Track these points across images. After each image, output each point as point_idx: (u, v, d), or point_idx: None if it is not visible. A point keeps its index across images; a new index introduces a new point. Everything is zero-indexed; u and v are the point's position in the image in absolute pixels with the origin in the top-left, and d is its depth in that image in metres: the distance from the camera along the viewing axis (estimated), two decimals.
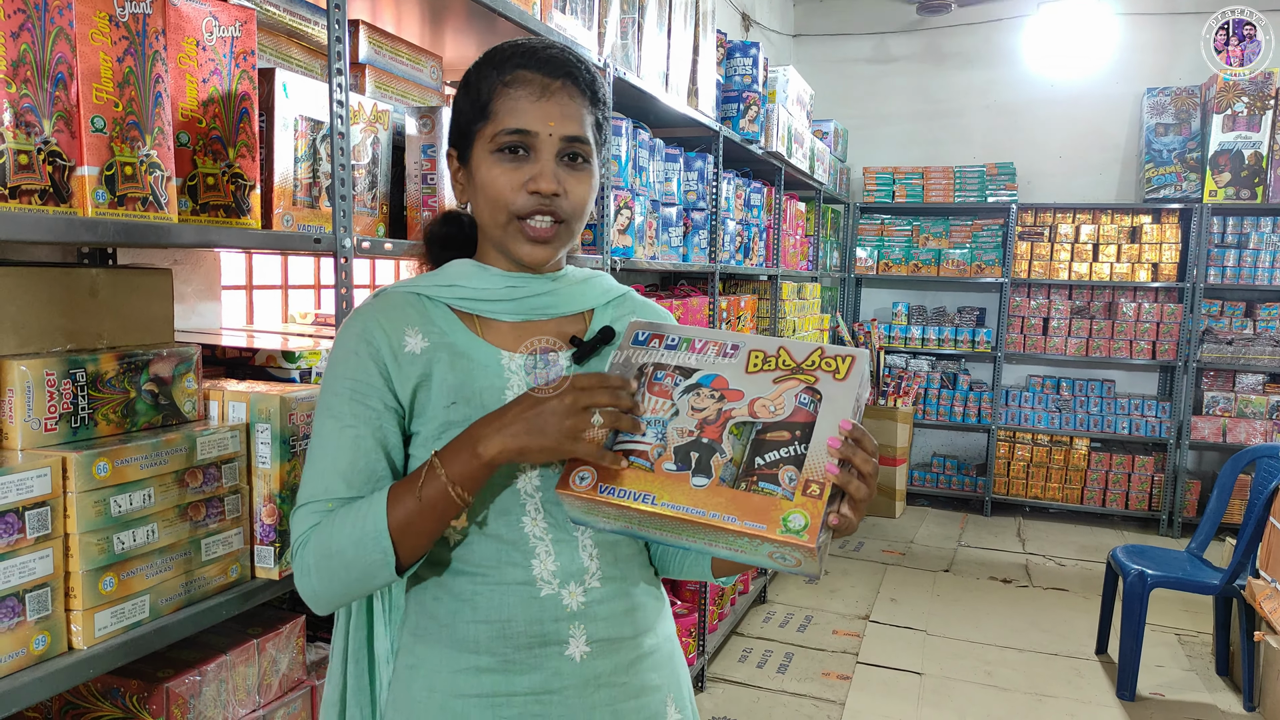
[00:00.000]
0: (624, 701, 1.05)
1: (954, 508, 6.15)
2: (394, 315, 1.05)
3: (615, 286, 1.18)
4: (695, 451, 0.93)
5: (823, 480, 0.89)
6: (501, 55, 1.04)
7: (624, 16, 2.50)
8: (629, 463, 0.94)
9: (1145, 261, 5.69)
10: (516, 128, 1.00)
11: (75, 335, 1.20)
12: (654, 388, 0.98)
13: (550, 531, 1.03)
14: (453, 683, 1.02)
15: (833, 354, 0.97)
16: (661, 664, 1.11)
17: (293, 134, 1.45)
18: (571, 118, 1.02)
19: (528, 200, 1.01)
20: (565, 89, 1.02)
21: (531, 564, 1.02)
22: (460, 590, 1.03)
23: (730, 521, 0.89)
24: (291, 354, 1.57)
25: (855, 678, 3.49)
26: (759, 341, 0.99)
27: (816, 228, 5.44)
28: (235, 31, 1.29)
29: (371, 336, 1.03)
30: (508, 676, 1.01)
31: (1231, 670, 3.57)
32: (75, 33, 1.05)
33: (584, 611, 1.03)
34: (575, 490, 0.93)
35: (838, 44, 6.51)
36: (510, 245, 1.04)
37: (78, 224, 1.06)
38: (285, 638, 1.43)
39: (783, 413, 0.94)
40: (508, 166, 1.01)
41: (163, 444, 1.18)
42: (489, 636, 1.02)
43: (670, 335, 1.02)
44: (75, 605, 1.08)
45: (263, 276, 2.30)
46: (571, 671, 1.02)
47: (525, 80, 1.01)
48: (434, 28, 2.10)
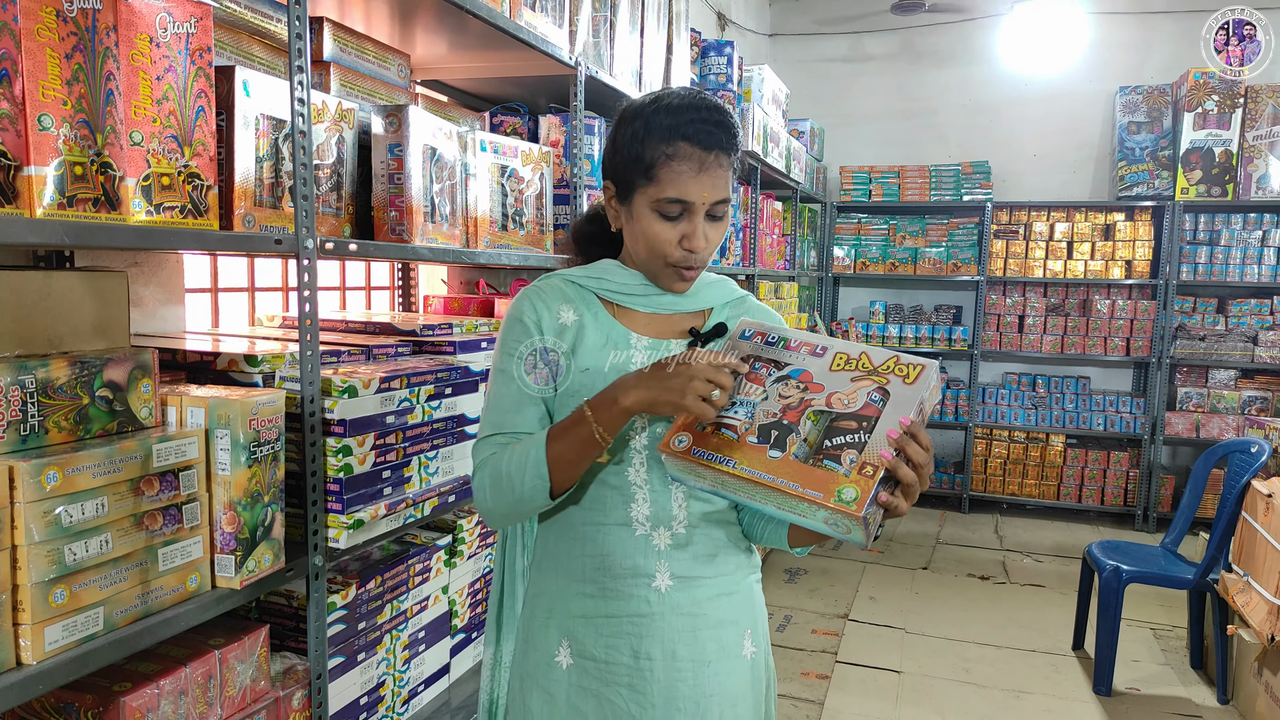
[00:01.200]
0: (704, 630, 1.24)
1: (932, 505, 6.18)
2: (554, 294, 1.29)
3: (735, 290, 1.39)
4: (776, 430, 1.10)
5: (877, 463, 1.04)
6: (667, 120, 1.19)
7: (595, 15, 2.48)
8: (721, 434, 1.11)
9: (1119, 259, 5.73)
10: (678, 198, 1.19)
11: (25, 340, 1.16)
12: (751, 375, 1.16)
13: (649, 481, 1.22)
14: (566, 606, 1.26)
15: (906, 362, 1.13)
16: (742, 604, 1.30)
17: (254, 133, 1.42)
18: (720, 187, 1.21)
19: (681, 255, 1.22)
20: (718, 160, 1.20)
21: (630, 508, 1.22)
22: (574, 530, 1.25)
23: (793, 488, 1.04)
24: (254, 358, 1.53)
25: (834, 677, 3.49)
26: (845, 346, 1.16)
27: (793, 227, 5.44)
28: (191, 28, 1.26)
29: (534, 308, 1.27)
30: (607, 601, 1.23)
31: (1206, 664, 3.59)
32: (20, 28, 1.02)
33: (668, 552, 1.23)
34: (673, 450, 1.11)
35: (814, 43, 6.52)
36: (662, 280, 1.27)
37: (23, 225, 1.02)
38: (248, 648, 1.39)
39: (855, 406, 1.10)
40: (667, 224, 1.21)
41: (116, 452, 1.15)
42: (593, 568, 1.24)
43: (771, 334, 1.20)
44: (24, 619, 1.05)
45: (229, 279, 2.26)
46: (658, 600, 1.22)
47: (686, 155, 1.18)
48: (404, 26, 2.07)
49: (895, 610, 4.20)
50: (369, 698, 1.74)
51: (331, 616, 1.61)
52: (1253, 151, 5.36)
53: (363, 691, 1.73)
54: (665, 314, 1.31)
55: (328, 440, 1.52)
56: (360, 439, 1.56)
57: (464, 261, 1.94)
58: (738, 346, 1.20)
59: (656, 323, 1.30)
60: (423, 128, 1.79)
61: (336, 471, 1.52)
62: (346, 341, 1.81)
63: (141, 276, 1.82)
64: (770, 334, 1.20)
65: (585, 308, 1.28)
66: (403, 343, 1.88)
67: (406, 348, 1.90)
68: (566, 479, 1.17)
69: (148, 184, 1.21)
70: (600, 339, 1.26)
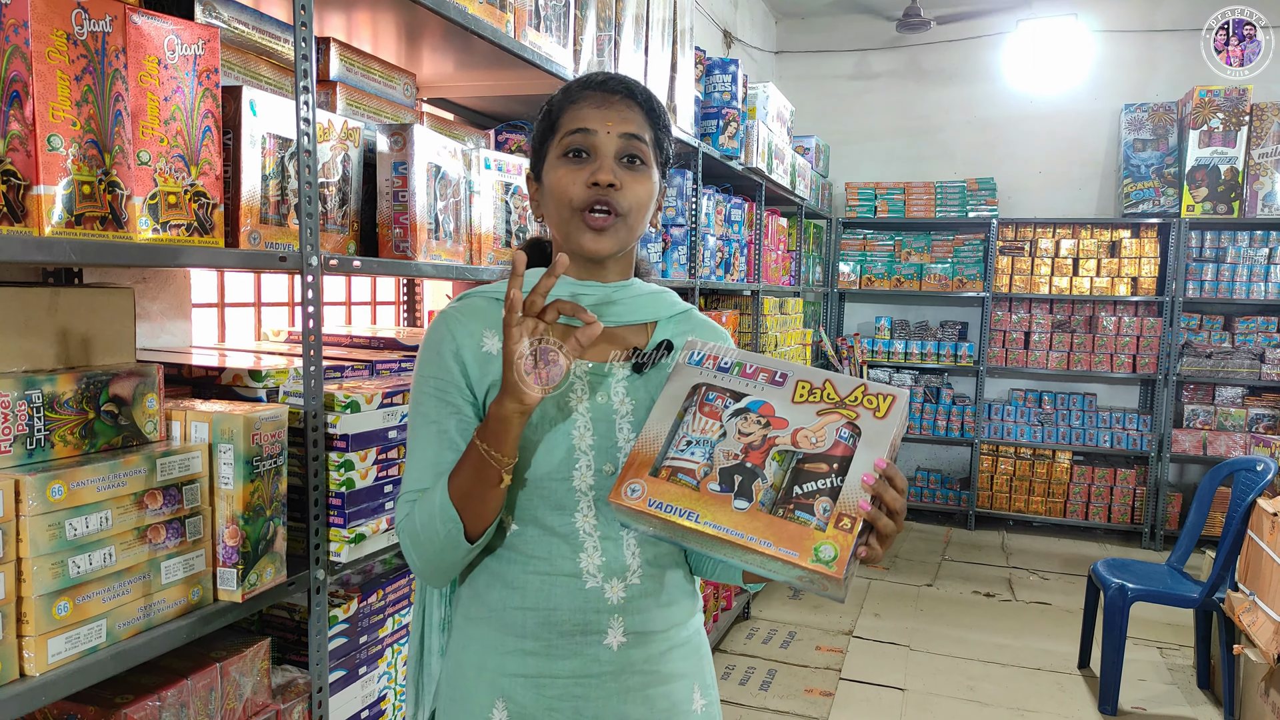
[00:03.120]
0: (654, 687, 1.14)
1: (938, 521, 6.16)
2: (475, 318, 1.16)
3: (679, 303, 1.27)
4: (739, 475, 1.00)
5: (855, 515, 0.95)
6: (571, 83, 1.18)
7: (600, 35, 2.51)
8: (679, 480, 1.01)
9: (1125, 276, 5.73)
10: (578, 127, 1.11)
11: (32, 355, 1.18)
12: (705, 408, 1.05)
13: (599, 528, 1.11)
14: (500, 662, 1.12)
15: (875, 391, 1.02)
16: (690, 654, 1.19)
17: (260, 151, 1.45)
18: (629, 120, 1.13)
19: (588, 193, 1.10)
20: (624, 100, 1.14)
21: (579, 558, 1.11)
22: (511, 578, 1.12)
23: (766, 546, 0.95)
24: (258, 373, 1.55)
25: (838, 694, 3.48)
26: (806, 373, 1.06)
27: (799, 243, 5.46)
28: (198, 50, 1.28)
29: (453, 337, 1.14)
30: (550, 660, 1.11)
31: (1213, 683, 3.57)
32: (31, 51, 1.04)
33: (623, 605, 1.11)
34: (627, 500, 1.01)
35: (820, 61, 6.56)
36: (574, 237, 1.12)
37: (32, 243, 1.04)
38: (249, 661, 1.40)
39: (823, 445, 1.00)
40: (572, 166, 1.11)
41: (121, 465, 1.16)
42: (535, 623, 1.11)
43: (724, 358, 1.08)
44: (28, 630, 1.06)
45: (236, 294, 2.28)
46: (608, 659, 1.11)
47: (588, 96, 1.14)
48: (410, 46, 2.10)
49: (900, 627, 4.19)
50: (370, 711, 1.75)
51: (333, 630, 1.62)
52: (1258, 169, 5.36)
53: (364, 705, 1.73)
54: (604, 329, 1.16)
55: (330, 455, 1.53)
56: (363, 454, 1.58)
57: (467, 278, 1.96)
58: (686, 373, 1.08)
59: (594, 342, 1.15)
60: (427, 146, 1.81)
61: (339, 486, 1.54)
62: (351, 357, 1.83)
63: (148, 292, 1.84)
64: (722, 358, 1.08)
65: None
66: (407, 358, 1.90)
67: (410, 363, 1.91)
68: (478, 516, 1.06)
69: (154, 202, 1.23)
70: None
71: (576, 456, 1.11)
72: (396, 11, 1.81)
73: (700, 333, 1.24)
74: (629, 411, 1.14)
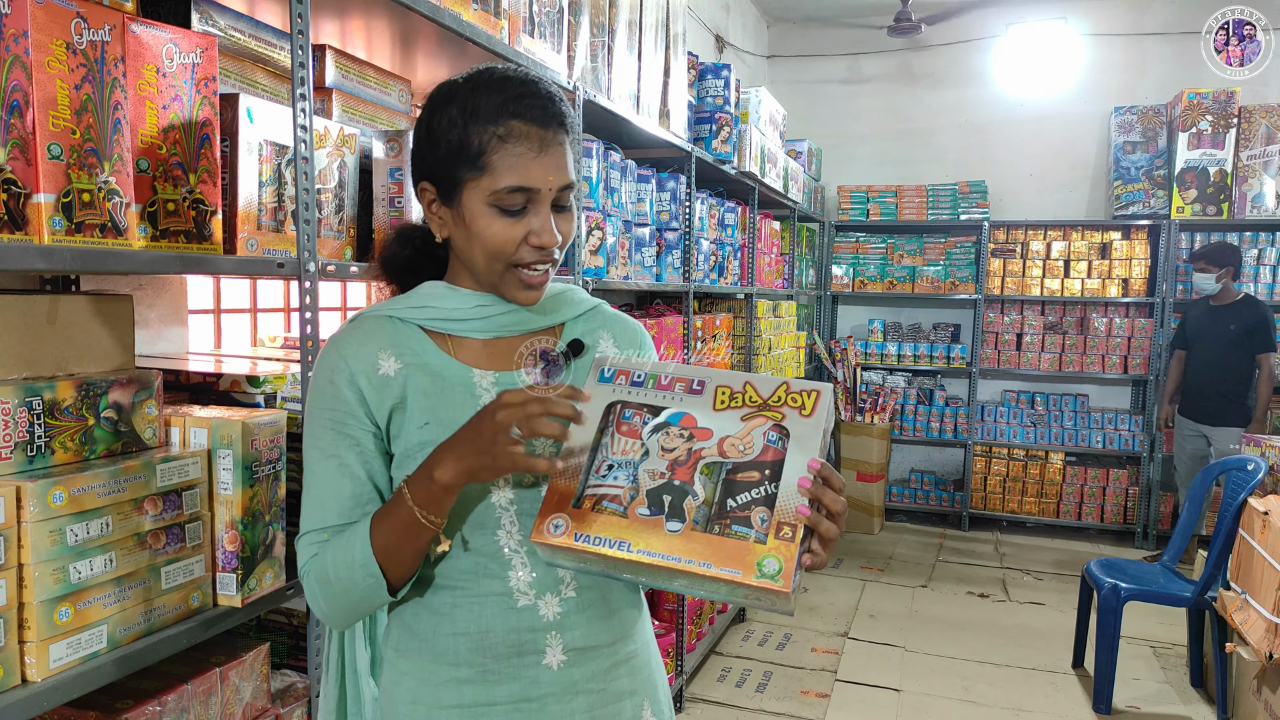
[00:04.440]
0: (601, 708, 1.07)
1: (932, 523, 6.18)
2: (367, 340, 1.07)
3: (586, 300, 1.20)
4: (668, 494, 0.94)
5: (794, 522, 0.90)
6: (491, 99, 1.02)
7: (593, 40, 2.52)
8: (604, 508, 0.94)
9: (1115, 277, 5.77)
10: (520, 186, 1.01)
11: (32, 362, 1.19)
12: (622, 427, 0.99)
13: (525, 544, 1.05)
14: (435, 695, 1.05)
15: (799, 389, 0.97)
16: (638, 669, 1.13)
17: (257, 158, 1.45)
18: (564, 167, 1.04)
19: (529, 253, 1.03)
20: (557, 138, 1.03)
21: (508, 575, 1.04)
22: (439, 605, 1.06)
23: (706, 568, 0.89)
24: (256, 379, 1.56)
25: (834, 695, 3.49)
26: (724, 377, 1.00)
27: (792, 246, 5.48)
28: (196, 58, 1.29)
29: (346, 363, 1.05)
30: (487, 687, 1.04)
31: (1206, 682, 3.59)
32: (31, 60, 1.05)
33: (560, 621, 1.05)
34: (550, 538, 0.94)
35: (811, 65, 6.59)
36: (505, 289, 1.06)
37: (32, 251, 1.05)
38: (249, 666, 1.41)
39: (752, 452, 0.95)
40: (509, 221, 1.02)
41: (121, 471, 1.17)
42: (467, 648, 1.04)
43: (636, 372, 1.02)
44: (30, 637, 1.07)
45: (232, 300, 2.29)
46: (549, 680, 1.04)
47: (521, 134, 1.01)
48: (404, 53, 2.11)
49: (895, 628, 4.20)
50: None
51: None
52: (1247, 171, 5.40)
53: None
54: (509, 337, 1.11)
55: None
56: None
57: None
58: (599, 392, 1.01)
59: (500, 351, 1.11)
60: None
61: None
62: None
63: (146, 299, 1.85)
64: (634, 372, 1.02)
65: (410, 348, 1.07)
66: None
67: None
68: (403, 570, 1.00)
69: (153, 210, 1.24)
70: (434, 385, 1.05)
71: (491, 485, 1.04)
72: (391, 18, 1.82)
73: (611, 327, 1.19)
74: None
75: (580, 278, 2.49)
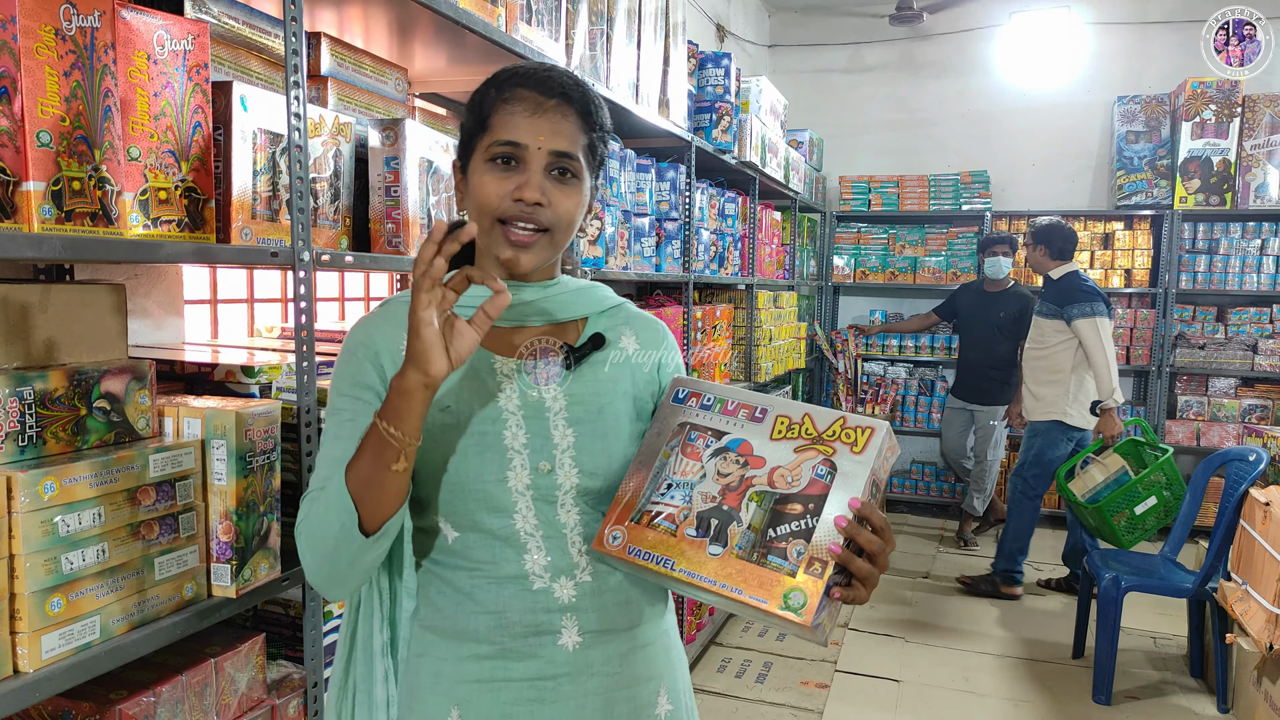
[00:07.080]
0: (616, 690, 1.11)
1: (933, 514, 6.17)
2: (393, 322, 1.11)
3: (610, 297, 1.24)
4: (715, 518, 1.00)
5: (825, 558, 0.93)
6: (504, 75, 1.10)
7: (592, 28, 2.50)
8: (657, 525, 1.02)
9: (1118, 267, 5.74)
10: (507, 139, 1.05)
11: (24, 352, 1.18)
12: (687, 449, 1.05)
13: (540, 528, 1.08)
14: (457, 669, 1.09)
15: (854, 424, 1.00)
16: (656, 656, 1.16)
17: (251, 147, 1.44)
18: (562, 134, 1.07)
19: (511, 207, 1.05)
20: (559, 108, 1.07)
21: (523, 559, 1.08)
22: (461, 584, 1.10)
23: (736, 593, 0.94)
24: (251, 369, 1.55)
25: (834, 686, 3.49)
26: (786, 407, 1.04)
27: (793, 236, 5.46)
28: (188, 45, 1.28)
29: (371, 341, 1.11)
30: (505, 663, 1.08)
31: (1206, 672, 3.59)
32: (19, 46, 1.04)
33: (575, 604, 1.09)
34: (608, 548, 1.03)
35: (813, 54, 6.55)
36: (493, 248, 1.08)
37: (22, 240, 1.04)
38: (244, 657, 1.41)
39: (799, 484, 0.98)
40: (498, 175, 1.06)
41: (113, 462, 1.16)
42: (488, 627, 1.08)
43: (706, 395, 1.08)
44: (21, 627, 1.06)
45: (228, 290, 2.28)
46: (565, 660, 1.08)
47: (522, 98, 1.07)
48: (402, 41, 2.09)
49: (895, 619, 4.20)
50: None
51: (328, 625, 1.62)
52: (1250, 160, 5.38)
53: None
54: (530, 326, 1.15)
55: None
56: None
57: None
58: (671, 412, 1.08)
59: (521, 339, 1.14)
60: (419, 141, 1.81)
61: None
62: None
63: (140, 288, 1.84)
64: (705, 395, 1.08)
65: None
66: None
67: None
68: (376, 504, 0.99)
69: (145, 198, 1.23)
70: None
71: (510, 456, 1.07)
72: (388, 6, 1.81)
73: (635, 325, 1.22)
74: (562, 409, 1.11)
75: (579, 268, 2.47)
